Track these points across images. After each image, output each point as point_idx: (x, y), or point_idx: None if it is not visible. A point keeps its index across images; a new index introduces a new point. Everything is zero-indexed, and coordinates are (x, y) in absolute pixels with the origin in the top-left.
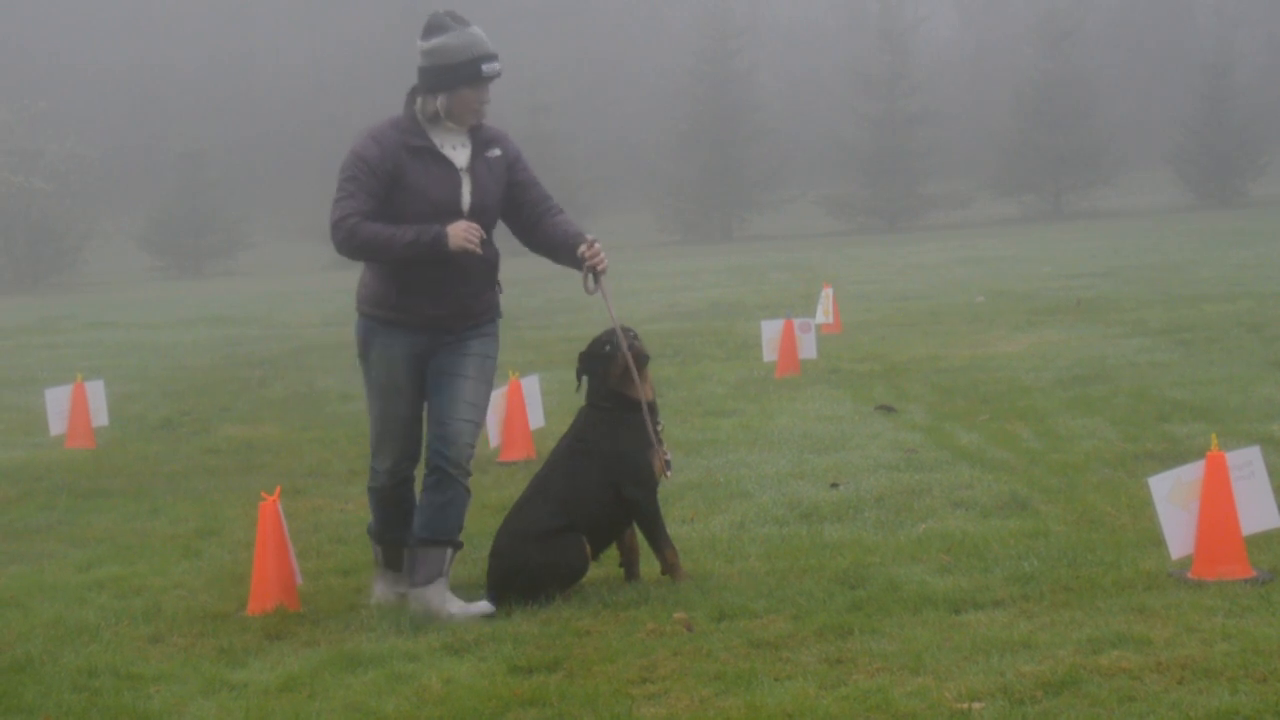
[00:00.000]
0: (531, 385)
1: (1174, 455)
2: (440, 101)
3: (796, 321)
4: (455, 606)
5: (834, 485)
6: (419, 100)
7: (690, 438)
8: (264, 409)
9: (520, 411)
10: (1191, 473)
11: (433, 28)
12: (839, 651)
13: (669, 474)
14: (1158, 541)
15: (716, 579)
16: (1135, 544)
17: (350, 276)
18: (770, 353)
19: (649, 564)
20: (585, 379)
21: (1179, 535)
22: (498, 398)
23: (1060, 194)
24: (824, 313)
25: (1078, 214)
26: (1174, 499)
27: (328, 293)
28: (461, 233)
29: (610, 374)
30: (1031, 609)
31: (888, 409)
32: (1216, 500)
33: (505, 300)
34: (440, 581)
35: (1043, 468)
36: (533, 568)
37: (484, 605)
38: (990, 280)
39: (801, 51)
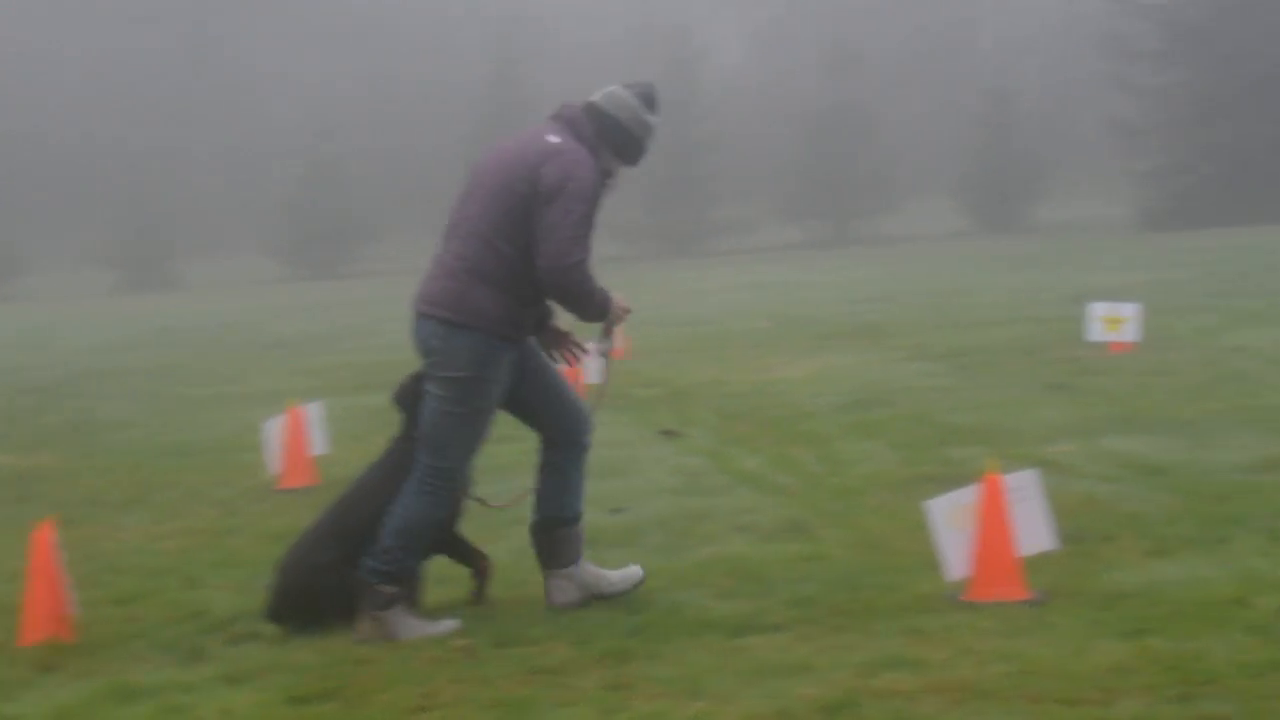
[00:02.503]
0: (314, 413)
1: (952, 478)
2: (614, 165)
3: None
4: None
5: (615, 511)
6: (605, 153)
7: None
8: (39, 437)
9: (301, 439)
10: (968, 496)
11: (655, 104)
12: (619, 677)
13: (496, 504)
14: (935, 564)
15: (497, 605)
16: (913, 567)
17: (140, 302)
18: None
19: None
20: (404, 399)
21: (956, 558)
22: (278, 424)
23: (845, 220)
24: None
25: (862, 240)
26: (951, 522)
27: (109, 319)
28: (623, 308)
29: None
30: (810, 632)
31: (671, 434)
32: (993, 523)
33: (290, 328)
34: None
35: (823, 492)
36: (323, 594)
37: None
38: (775, 305)
39: (589, 77)
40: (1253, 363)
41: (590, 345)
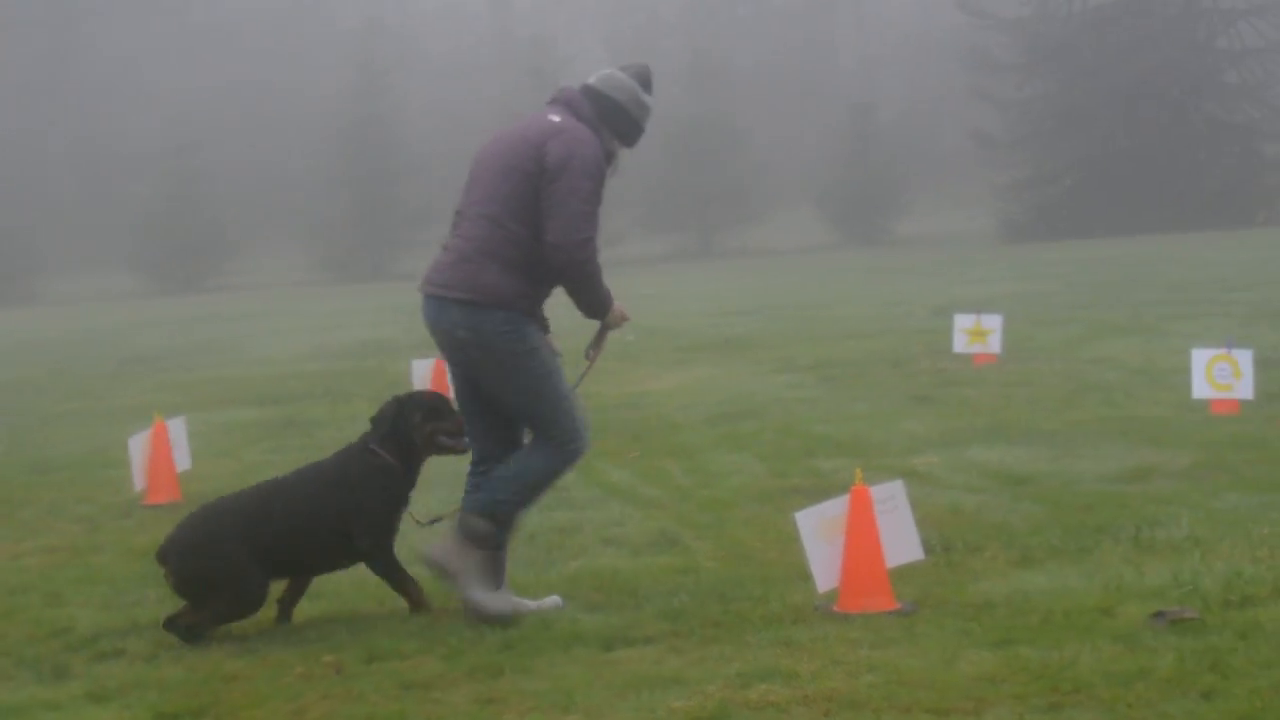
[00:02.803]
0: (178, 428)
1: (820, 490)
2: (614, 147)
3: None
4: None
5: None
6: (604, 133)
7: None
8: None
9: (166, 454)
10: (836, 507)
11: (651, 85)
12: (490, 691)
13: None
14: (805, 576)
15: (367, 621)
16: (783, 578)
17: None
18: None
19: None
20: (381, 421)
21: (825, 569)
22: (143, 440)
23: (710, 232)
24: None
25: (726, 252)
26: (820, 533)
27: None
28: (621, 314)
29: (420, 435)
30: (681, 645)
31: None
32: (861, 534)
33: (152, 343)
34: None
35: (692, 504)
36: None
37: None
38: (641, 318)
39: (453, 88)
40: (1115, 374)
41: (589, 351)
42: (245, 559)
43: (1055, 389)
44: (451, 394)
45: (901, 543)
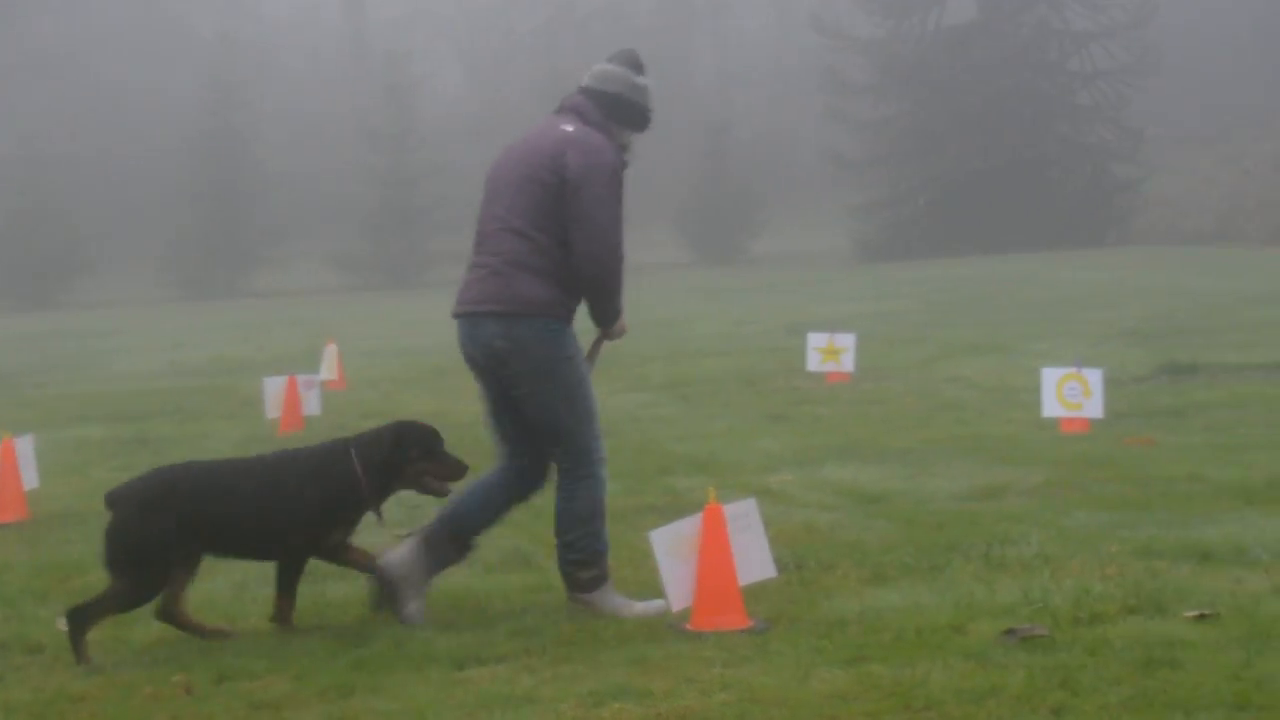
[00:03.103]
0: (25, 446)
1: (675, 508)
2: (626, 138)
3: (300, 378)
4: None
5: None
6: (614, 128)
7: None
8: None
9: (13, 473)
10: (690, 525)
11: (641, 65)
12: (341, 711)
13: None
14: (659, 594)
15: (216, 640)
16: (637, 596)
17: None
18: (273, 409)
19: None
20: (376, 444)
21: (679, 587)
22: None
23: None
24: (328, 369)
25: None
26: (674, 551)
27: None
28: (622, 326)
29: (410, 470)
30: (534, 663)
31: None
32: (714, 552)
33: (2, 358)
34: None
35: (546, 522)
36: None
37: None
38: None
39: (308, 106)
40: (967, 392)
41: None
42: (173, 533)
43: (908, 407)
44: (305, 411)
45: (755, 561)
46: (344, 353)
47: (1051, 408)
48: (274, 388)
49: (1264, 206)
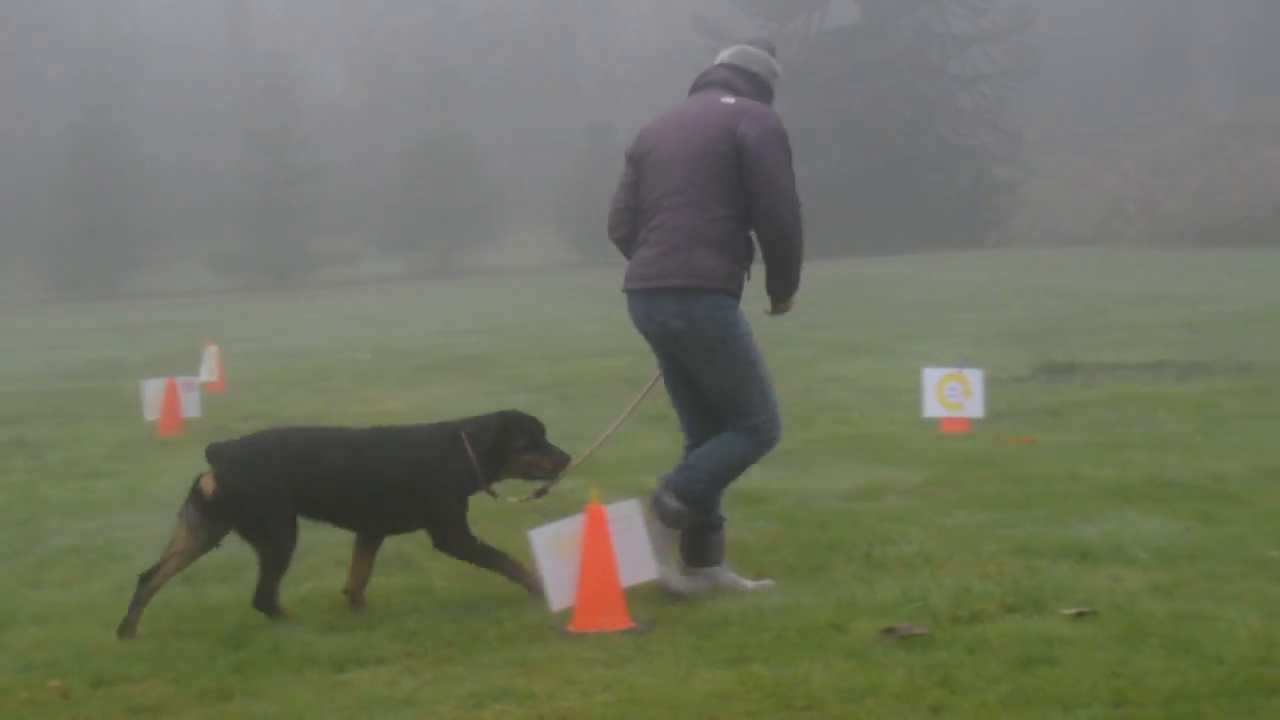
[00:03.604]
0: None
1: (557, 508)
2: None
3: (179, 380)
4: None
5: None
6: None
7: (68, 500)
8: None
9: None
10: (571, 526)
11: (775, 50)
12: (220, 715)
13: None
14: (540, 594)
15: (94, 644)
16: (518, 598)
17: None
18: (152, 412)
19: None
20: (484, 432)
21: (560, 588)
22: None
23: (446, 251)
24: (208, 371)
25: (464, 271)
26: (555, 552)
27: None
28: (794, 304)
29: (515, 459)
30: (415, 665)
31: None
32: (596, 553)
33: None
34: None
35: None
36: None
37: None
38: (377, 337)
39: (188, 105)
40: (849, 393)
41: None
42: (285, 492)
43: (790, 407)
44: (185, 414)
45: (636, 561)
46: (224, 354)
47: (932, 408)
48: (153, 390)
49: (1141, 208)
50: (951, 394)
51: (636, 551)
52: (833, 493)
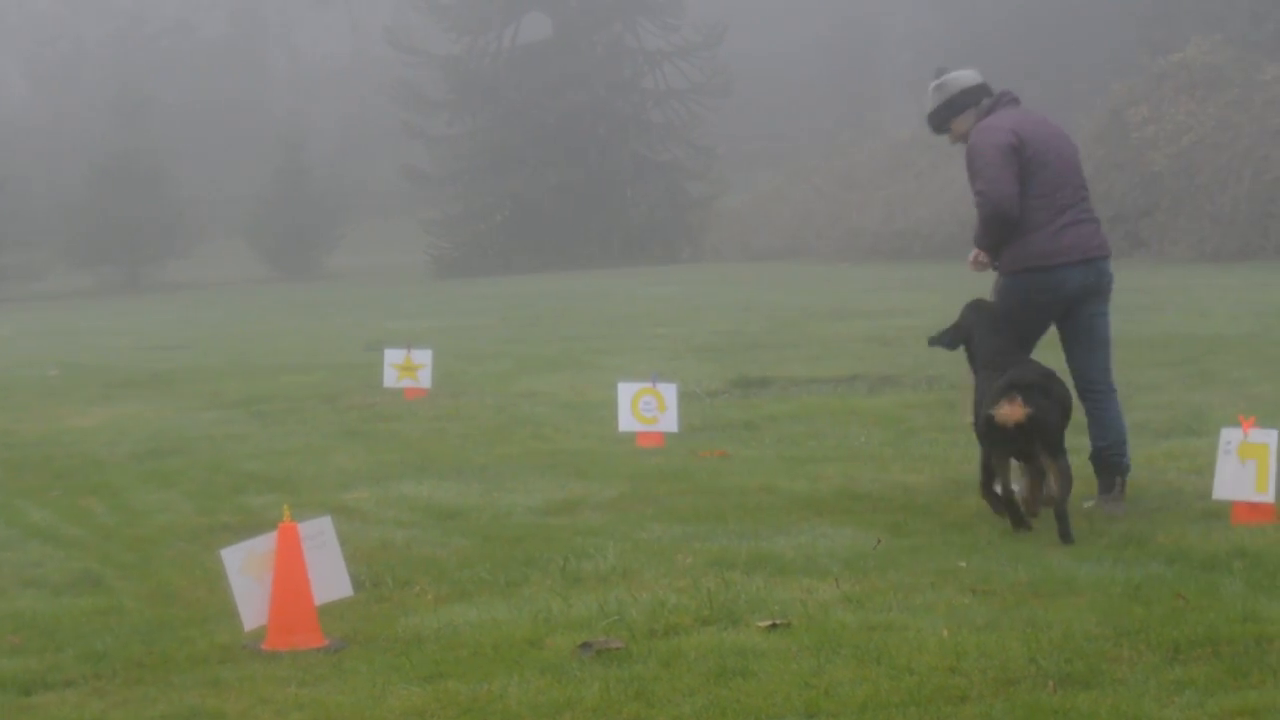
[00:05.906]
0: None
1: (249, 527)
2: None
3: None
4: None
5: None
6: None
7: None
8: None
9: None
10: (264, 544)
11: None
12: None
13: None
14: (233, 614)
15: None
16: (211, 617)
17: None
18: None
19: None
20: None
21: (252, 607)
22: None
23: (137, 265)
24: None
25: (155, 286)
26: (247, 570)
27: None
28: None
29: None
30: (105, 687)
31: None
32: (289, 570)
33: None
34: None
35: (116, 543)
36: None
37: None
38: (64, 352)
39: None
40: (543, 407)
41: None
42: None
43: (486, 423)
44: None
45: (330, 579)
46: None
47: (627, 422)
48: None
49: (832, 223)
50: (646, 408)
51: (330, 569)
52: (528, 507)
